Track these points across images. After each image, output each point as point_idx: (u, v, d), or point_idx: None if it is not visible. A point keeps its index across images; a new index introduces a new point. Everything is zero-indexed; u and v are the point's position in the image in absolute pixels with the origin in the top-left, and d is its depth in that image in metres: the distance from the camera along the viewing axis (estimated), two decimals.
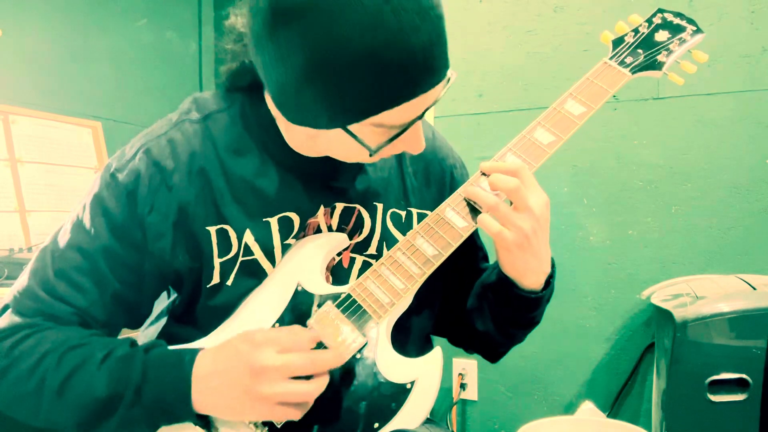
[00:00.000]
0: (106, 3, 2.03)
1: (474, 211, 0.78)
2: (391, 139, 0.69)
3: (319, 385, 0.68)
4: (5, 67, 1.72)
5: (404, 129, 0.68)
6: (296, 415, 0.68)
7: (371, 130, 0.67)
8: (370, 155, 0.70)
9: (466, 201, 0.79)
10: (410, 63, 0.62)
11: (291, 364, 0.67)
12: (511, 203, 0.75)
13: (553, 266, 0.81)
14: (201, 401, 0.69)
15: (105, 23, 2.02)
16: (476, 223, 0.77)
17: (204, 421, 0.71)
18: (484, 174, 0.78)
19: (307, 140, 0.75)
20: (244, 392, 0.67)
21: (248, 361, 0.66)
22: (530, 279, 0.78)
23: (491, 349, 0.93)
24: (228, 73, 0.80)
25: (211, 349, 0.71)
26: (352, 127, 0.67)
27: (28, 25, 1.79)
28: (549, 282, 0.80)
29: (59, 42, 1.87)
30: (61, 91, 1.88)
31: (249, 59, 0.75)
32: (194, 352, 0.70)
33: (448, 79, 0.69)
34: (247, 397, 0.67)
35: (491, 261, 0.97)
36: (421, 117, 0.69)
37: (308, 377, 0.68)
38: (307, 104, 0.65)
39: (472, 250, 0.95)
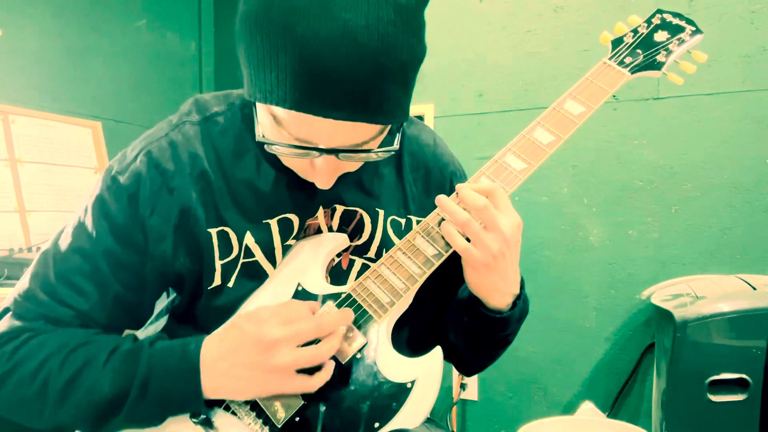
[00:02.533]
0: (105, 3, 2.03)
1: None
2: (295, 147, 0.66)
3: (331, 346, 0.69)
4: (5, 67, 1.72)
5: (303, 149, 0.66)
6: (314, 384, 0.68)
7: (270, 121, 0.66)
8: (265, 145, 0.68)
9: None
10: (330, 81, 0.59)
11: (299, 331, 0.67)
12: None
13: (522, 288, 0.81)
14: (212, 386, 0.69)
15: (105, 23, 2.03)
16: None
17: (206, 422, 0.72)
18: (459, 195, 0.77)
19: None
20: (257, 368, 0.67)
21: (257, 338, 0.67)
22: (496, 299, 0.78)
23: (461, 362, 0.92)
24: None
25: (216, 333, 0.72)
26: (258, 106, 0.67)
27: (28, 25, 1.79)
28: (516, 303, 0.80)
29: (59, 42, 1.88)
30: (61, 91, 1.88)
31: None
32: (199, 340, 0.71)
33: (381, 130, 0.67)
34: (262, 372, 0.67)
35: None
36: (331, 153, 0.66)
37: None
38: (244, 69, 0.66)
39: None
